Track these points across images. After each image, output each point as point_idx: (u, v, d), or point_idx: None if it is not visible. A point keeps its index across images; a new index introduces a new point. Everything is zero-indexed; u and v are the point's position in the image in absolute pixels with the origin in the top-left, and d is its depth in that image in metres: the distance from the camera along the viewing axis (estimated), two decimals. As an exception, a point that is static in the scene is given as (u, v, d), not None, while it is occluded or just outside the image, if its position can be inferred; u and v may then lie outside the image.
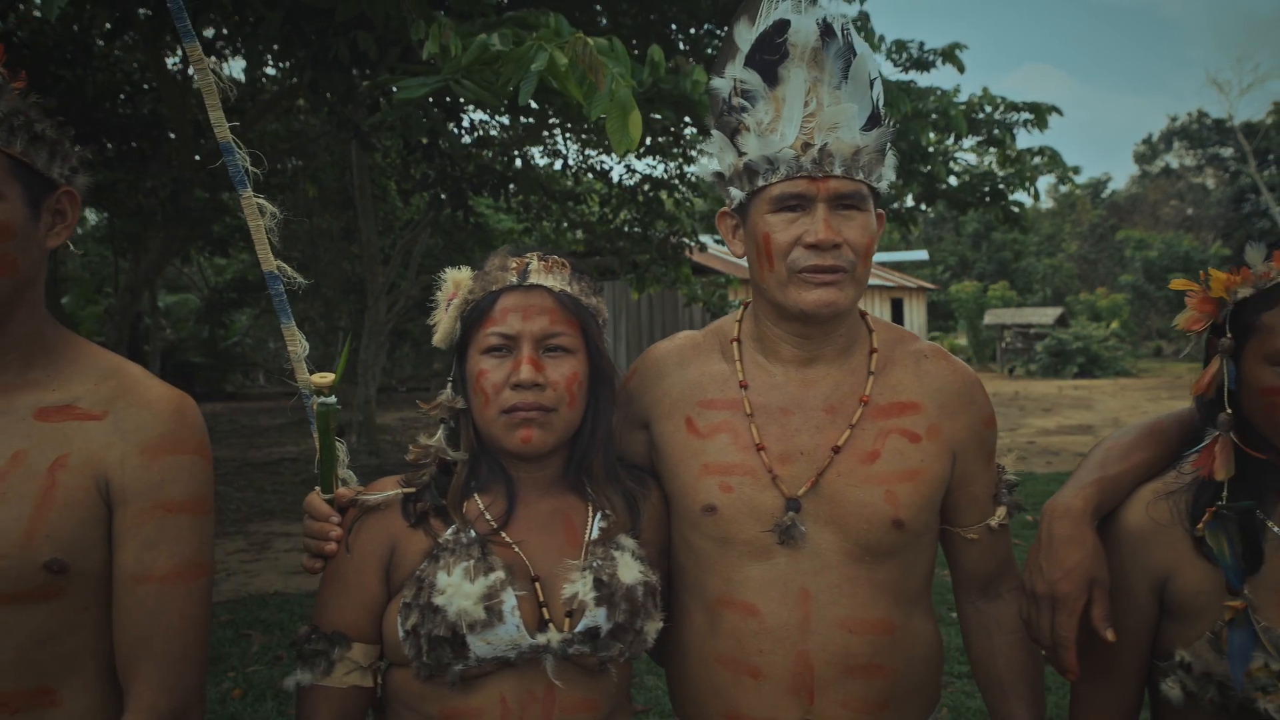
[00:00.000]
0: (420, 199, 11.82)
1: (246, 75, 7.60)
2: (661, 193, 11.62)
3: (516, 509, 1.44)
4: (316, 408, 1.48)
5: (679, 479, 1.50)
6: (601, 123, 3.15)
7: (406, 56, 4.94)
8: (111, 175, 8.57)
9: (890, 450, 1.46)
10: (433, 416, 1.50)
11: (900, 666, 1.46)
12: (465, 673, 1.34)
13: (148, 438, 1.28)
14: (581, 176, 12.63)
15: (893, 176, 1.49)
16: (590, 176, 12.44)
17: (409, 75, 3.62)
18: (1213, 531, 1.35)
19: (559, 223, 13.32)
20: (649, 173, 11.76)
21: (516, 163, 11.33)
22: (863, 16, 7.50)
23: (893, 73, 9.20)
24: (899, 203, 11.06)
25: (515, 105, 3.31)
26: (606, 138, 3.13)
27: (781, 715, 1.42)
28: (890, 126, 1.48)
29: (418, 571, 1.37)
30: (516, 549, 1.40)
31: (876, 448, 1.46)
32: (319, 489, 1.48)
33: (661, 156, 10.88)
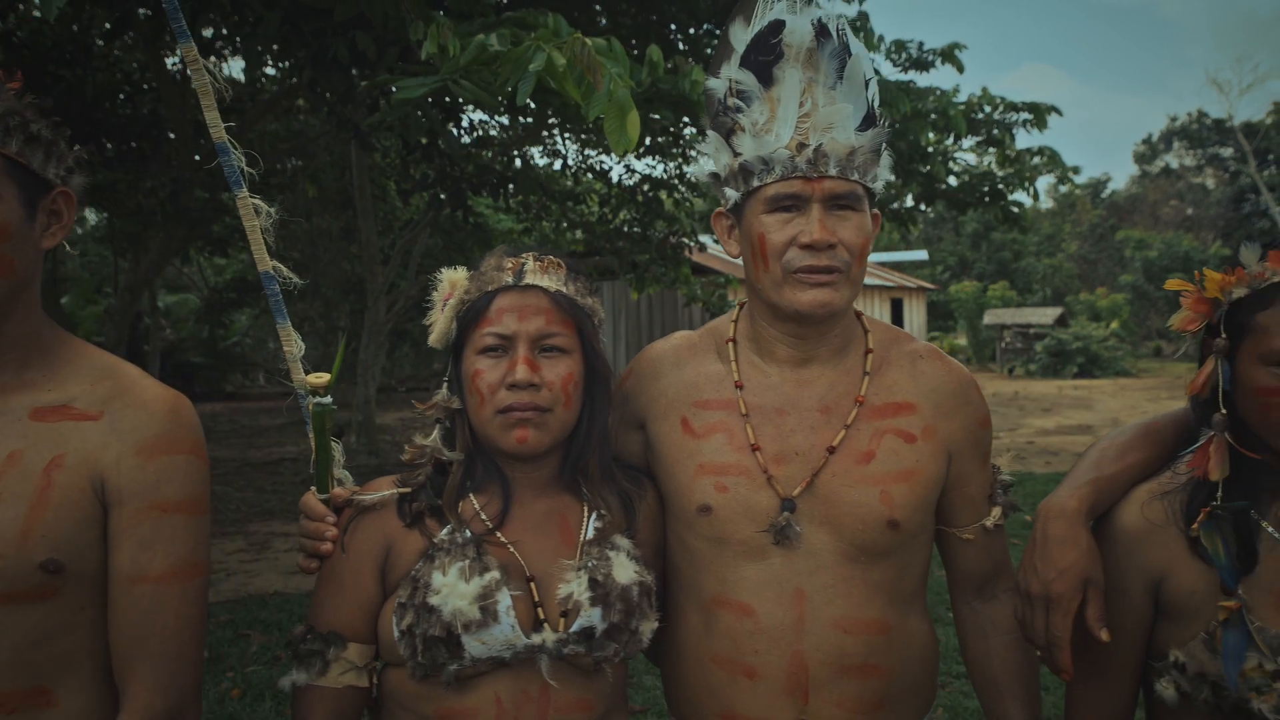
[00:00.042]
0: (420, 199, 11.83)
1: (246, 75, 7.61)
2: (661, 193, 11.63)
3: (512, 509, 1.44)
4: (312, 408, 1.48)
5: (674, 479, 1.50)
6: (600, 123, 3.16)
7: (405, 57, 4.94)
8: (111, 175, 8.57)
9: (885, 451, 1.46)
10: (428, 416, 1.50)
11: (895, 666, 1.46)
12: (460, 673, 1.34)
13: (143, 438, 1.28)
14: (581, 176, 12.63)
15: (888, 176, 1.50)
16: (590, 176, 12.44)
17: (408, 75, 3.63)
18: (1207, 532, 1.35)
19: (558, 223, 13.32)
20: (648, 173, 11.77)
21: (516, 163, 11.33)
22: (862, 16, 7.50)
23: (892, 73, 9.20)
24: (898, 203, 11.06)
25: (514, 105, 3.31)
26: (605, 138, 3.13)
27: (776, 715, 1.42)
28: (885, 127, 1.48)
29: (413, 571, 1.37)
30: (512, 549, 1.40)
31: (871, 448, 1.46)
32: (315, 489, 1.48)
33: (661, 156, 10.88)
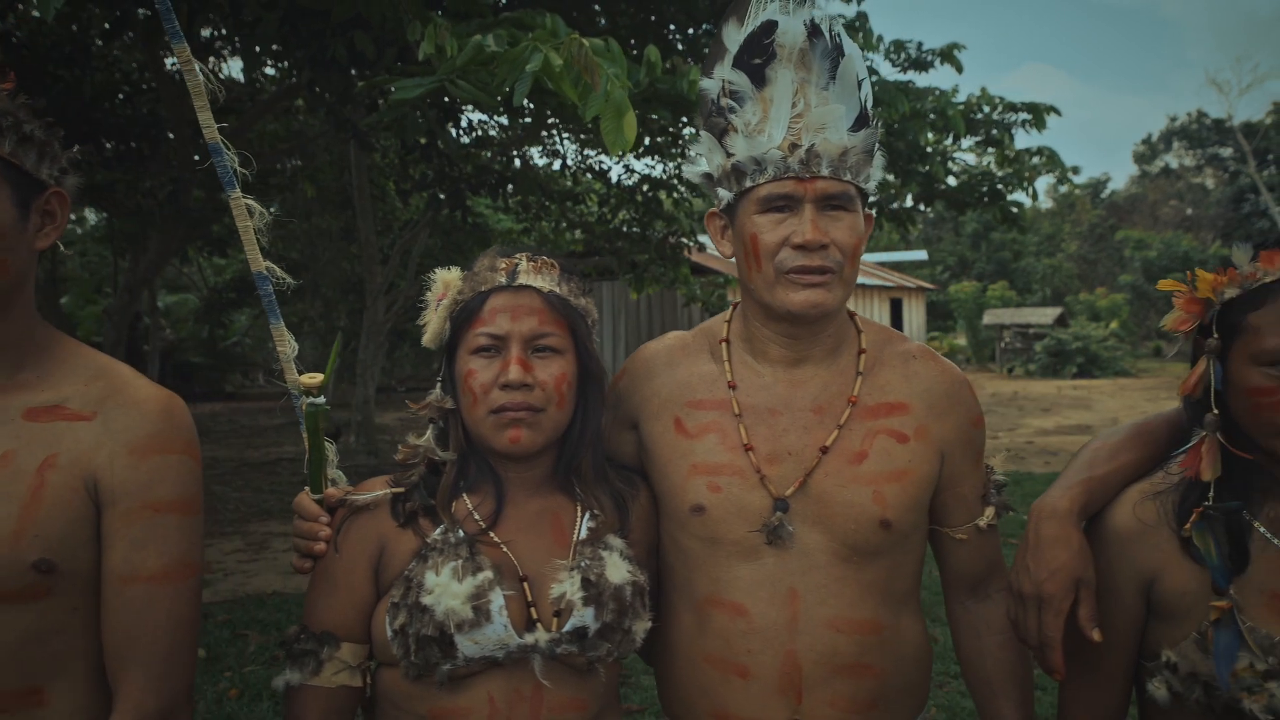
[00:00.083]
0: (419, 199, 11.82)
1: (245, 75, 7.61)
2: (660, 193, 11.62)
3: (505, 509, 1.44)
4: (305, 408, 1.48)
5: (667, 479, 1.50)
6: (597, 123, 3.16)
7: (404, 57, 4.94)
8: (110, 175, 8.57)
9: (878, 451, 1.46)
10: (422, 416, 1.50)
11: (888, 666, 1.46)
12: (453, 672, 1.34)
13: (136, 438, 1.28)
14: (580, 176, 12.62)
15: (880, 177, 1.50)
16: (589, 176, 12.43)
17: (405, 76, 3.63)
18: (1199, 532, 1.35)
19: (558, 223, 13.33)
20: (647, 173, 11.76)
21: (515, 163, 11.34)
22: (861, 16, 7.51)
23: (891, 73, 9.20)
24: (898, 203, 11.05)
25: (512, 106, 3.32)
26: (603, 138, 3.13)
27: (769, 715, 1.43)
28: (878, 127, 1.48)
29: (406, 571, 1.37)
30: (505, 549, 1.41)
31: (864, 448, 1.46)
32: (308, 489, 1.49)
33: (660, 156, 10.88)
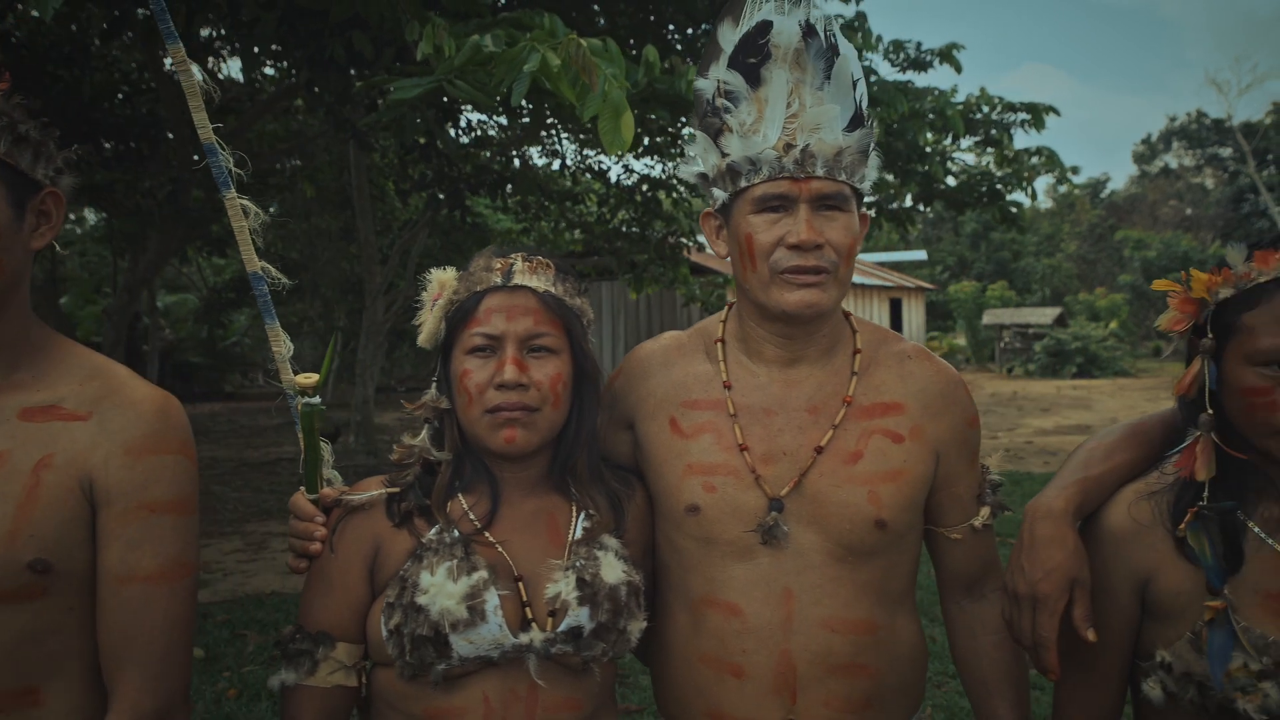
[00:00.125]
0: (418, 199, 11.83)
1: (244, 76, 7.61)
2: (659, 193, 11.62)
3: (500, 509, 1.44)
4: (301, 408, 1.48)
5: (663, 479, 1.50)
6: (596, 123, 3.16)
7: (402, 57, 4.94)
8: (109, 175, 8.58)
9: (873, 451, 1.46)
10: (418, 416, 1.50)
11: (883, 666, 1.46)
12: (448, 672, 1.34)
13: (132, 438, 1.28)
14: (579, 176, 12.63)
15: (875, 177, 1.50)
16: (588, 176, 12.44)
17: (404, 76, 3.63)
18: (1194, 532, 1.35)
19: (557, 223, 13.33)
20: (647, 173, 11.76)
21: (514, 163, 11.34)
22: (860, 16, 7.50)
23: (890, 73, 9.20)
24: (897, 203, 11.06)
25: (510, 106, 3.32)
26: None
27: (764, 714, 1.43)
28: (873, 127, 1.48)
29: (401, 571, 1.37)
30: (500, 549, 1.41)
31: (859, 448, 1.46)
32: (304, 489, 1.49)
33: (659, 156, 10.88)
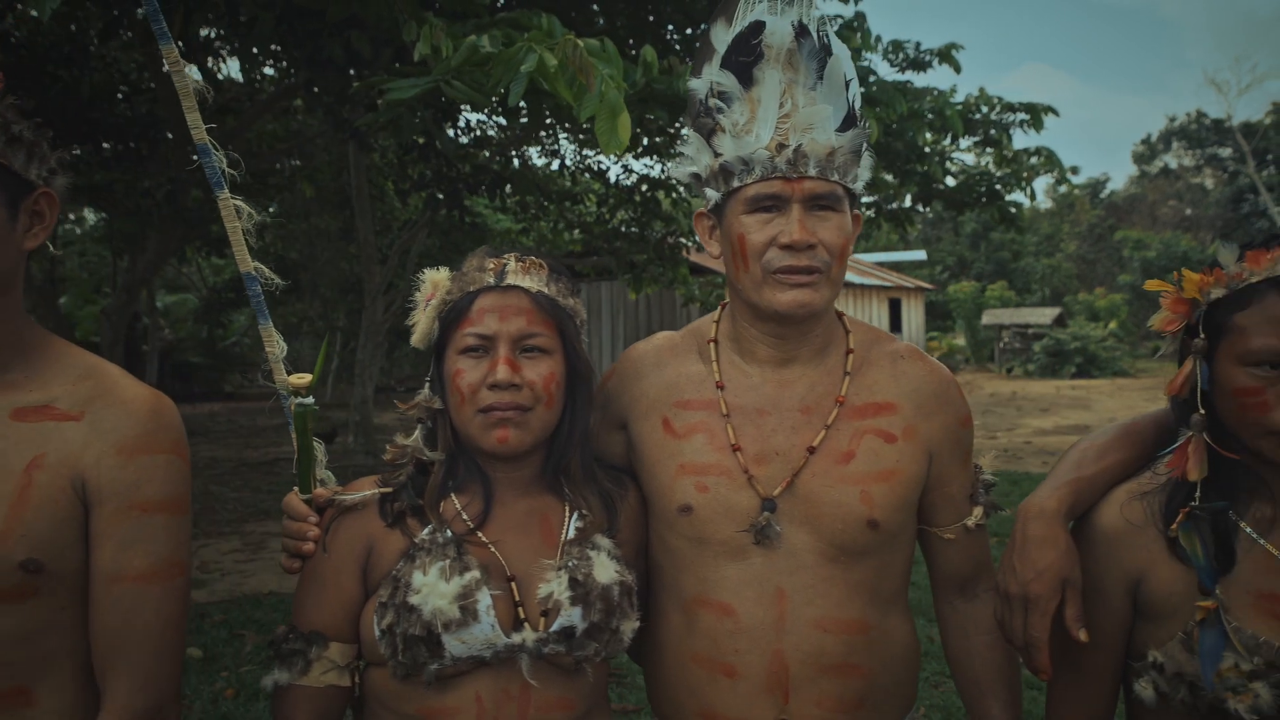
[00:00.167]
0: (418, 199, 11.83)
1: (243, 75, 7.62)
2: (659, 193, 11.62)
3: (493, 509, 1.44)
4: (294, 408, 1.48)
5: (656, 479, 1.50)
6: (593, 123, 3.16)
7: (401, 57, 4.94)
8: (109, 175, 8.57)
9: (866, 451, 1.46)
10: (411, 416, 1.51)
11: (876, 666, 1.46)
12: (441, 672, 1.34)
13: (124, 437, 1.28)
14: (578, 176, 12.63)
15: (869, 177, 1.50)
16: (587, 176, 12.44)
17: (401, 76, 3.63)
18: (1186, 532, 1.35)
19: (556, 223, 13.33)
20: (646, 173, 11.77)
21: (514, 163, 11.34)
22: (859, 16, 7.50)
23: (889, 73, 9.20)
24: (896, 203, 11.06)
25: (507, 106, 3.32)
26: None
27: (757, 714, 1.43)
28: (865, 127, 1.48)
29: (394, 571, 1.38)
30: (492, 549, 1.41)
31: (852, 448, 1.46)
32: (297, 489, 1.49)
33: (658, 156, 10.88)
